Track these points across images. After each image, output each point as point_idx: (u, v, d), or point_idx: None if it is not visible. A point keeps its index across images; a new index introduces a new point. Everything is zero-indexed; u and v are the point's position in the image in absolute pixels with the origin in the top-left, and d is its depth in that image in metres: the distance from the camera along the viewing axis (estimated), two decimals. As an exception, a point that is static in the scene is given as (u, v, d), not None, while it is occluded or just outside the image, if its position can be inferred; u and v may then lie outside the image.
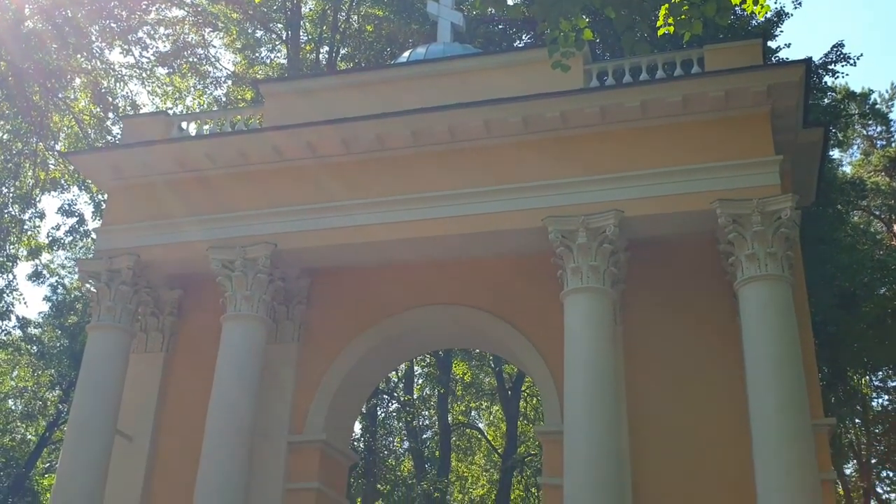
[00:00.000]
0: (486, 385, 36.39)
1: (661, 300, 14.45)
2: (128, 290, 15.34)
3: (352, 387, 16.28)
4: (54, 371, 27.33)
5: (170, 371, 16.37)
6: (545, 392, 14.80)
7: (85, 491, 14.04)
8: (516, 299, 15.31)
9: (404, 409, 30.81)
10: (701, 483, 13.14)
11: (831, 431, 13.73)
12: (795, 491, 11.22)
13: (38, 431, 30.81)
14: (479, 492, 37.91)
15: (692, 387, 13.76)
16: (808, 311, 14.06)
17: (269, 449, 15.05)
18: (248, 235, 15.10)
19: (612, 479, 12.04)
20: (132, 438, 15.56)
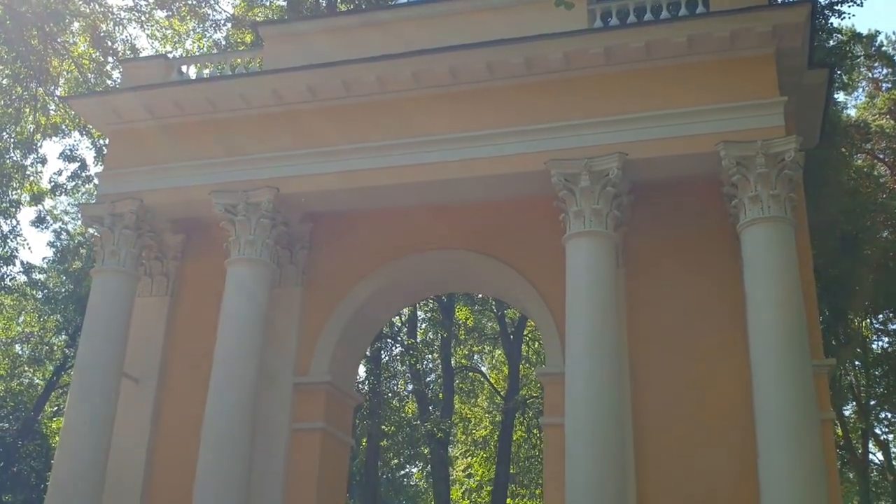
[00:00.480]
0: (489, 329, 36.66)
1: (663, 243, 14.48)
2: (131, 234, 15.39)
3: (356, 330, 16.42)
4: (60, 316, 27.51)
5: (175, 315, 16.50)
6: (547, 335, 14.92)
7: (93, 433, 14.25)
8: (519, 243, 15.35)
9: (408, 352, 31.09)
10: (702, 422, 13.32)
11: (831, 372, 13.87)
12: (795, 429, 11.37)
13: (45, 376, 31.16)
14: (482, 433, 38.38)
15: (693, 329, 13.86)
16: (809, 254, 14.10)
17: (274, 390, 15.25)
18: (250, 180, 15.09)
19: (612, 418, 12.20)
20: (138, 381, 15.76)
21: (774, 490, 11.31)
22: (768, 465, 11.46)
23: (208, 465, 13.55)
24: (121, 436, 15.00)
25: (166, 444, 15.55)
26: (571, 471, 12.05)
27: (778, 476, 11.31)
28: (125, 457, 15.21)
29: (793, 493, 11.15)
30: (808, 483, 11.17)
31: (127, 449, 15.25)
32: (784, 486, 11.21)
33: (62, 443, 14.41)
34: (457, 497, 39.55)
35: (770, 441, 11.52)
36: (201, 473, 13.55)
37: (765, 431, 11.62)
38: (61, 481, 13.97)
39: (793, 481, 11.19)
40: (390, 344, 31.22)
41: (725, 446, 13.07)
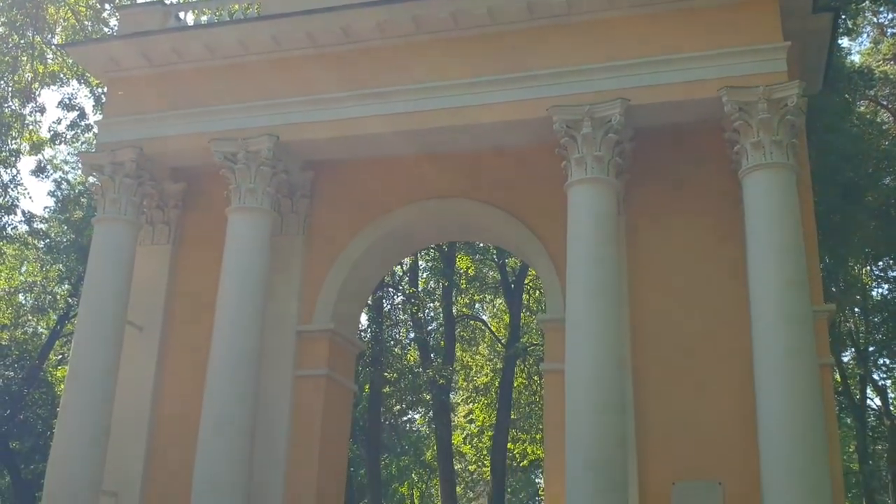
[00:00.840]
0: (490, 279, 36.72)
1: (665, 190, 14.48)
2: (132, 182, 15.38)
3: (357, 278, 16.49)
4: (62, 266, 27.59)
5: (177, 263, 16.58)
6: (548, 282, 14.98)
7: (97, 380, 14.40)
8: (520, 191, 15.34)
9: (409, 301, 31.22)
10: (701, 368, 13.45)
11: (831, 317, 13.95)
12: (794, 374, 11.46)
13: (48, 325, 31.34)
14: (483, 380, 38.71)
15: (694, 275, 13.93)
16: (811, 200, 14.09)
17: (278, 338, 15.37)
18: (250, 128, 15.04)
19: (612, 364, 12.30)
20: (142, 328, 15.87)
21: (773, 434, 11.45)
22: (767, 409, 11.59)
23: (213, 410, 13.71)
24: (126, 382, 15.17)
25: (171, 390, 15.73)
26: (571, 415, 12.19)
27: (776, 420, 11.44)
28: (130, 402, 15.39)
29: (791, 437, 11.28)
30: (806, 427, 11.30)
31: (132, 395, 15.42)
32: (782, 430, 11.34)
33: (67, 390, 14.56)
34: (458, 442, 40.03)
35: (769, 386, 11.62)
36: (206, 418, 13.72)
37: (764, 376, 11.73)
38: (68, 428, 14.15)
39: (791, 426, 11.32)
40: (392, 293, 31.33)
41: (725, 391, 13.22)
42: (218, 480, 13.27)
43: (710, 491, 12.91)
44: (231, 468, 13.38)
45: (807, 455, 11.18)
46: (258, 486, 14.28)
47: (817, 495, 11.05)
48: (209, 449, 13.53)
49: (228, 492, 13.26)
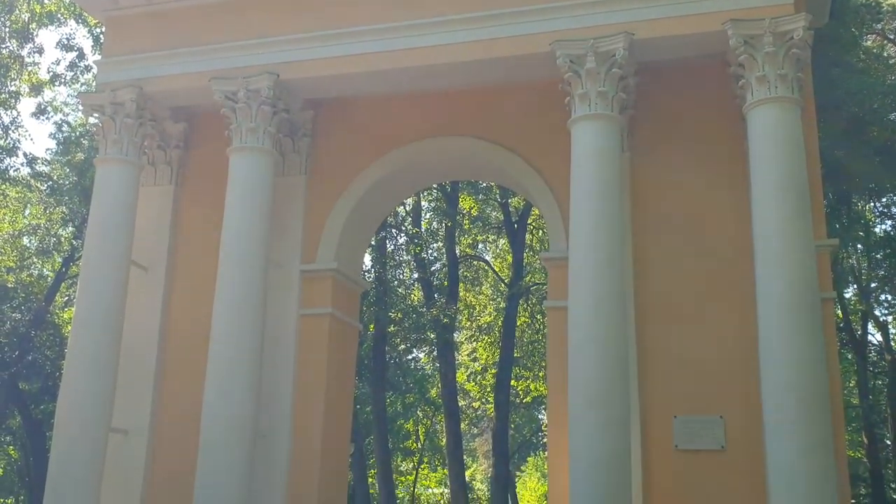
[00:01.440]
0: (493, 219, 36.74)
1: (669, 126, 14.39)
2: (132, 122, 15.30)
3: (360, 218, 16.50)
4: (66, 208, 27.60)
5: (180, 204, 16.61)
6: (550, 220, 14.97)
7: (104, 320, 14.49)
8: (523, 129, 15.25)
9: (412, 241, 31.30)
10: (703, 304, 13.54)
11: (833, 252, 13.96)
12: (795, 308, 11.50)
13: (53, 267, 31.50)
14: (487, 319, 38.98)
15: (697, 212, 13.93)
16: (816, 135, 14.00)
17: (282, 277, 15.45)
18: (250, 66, 14.87)
19: (614, 300, 12.34)
20: (147, 269, 15.96)
21: (774, 368, 11.54)
22: (769, 343, 11.66)
23: (219, 349, 13.85)
24: (132, 321, 15.32)
25: (177, 329, 15.89)
26: (573, 352, 12.28)
27: (778, 354, 11.52)
28: (138, 342, 15.56)
29: (792, 371, 11.37)
30: (807, 361, 11.38)
31: (139, 334, 15.59)
32: (784, 363, 11.42)
33: (74, 331, 14.66)
34: (462, 380, 40.49)
35: (771, 319, 11.67)
36: (212, 357, 13.87)
37: (765, 310, 11.78)
38: (75, 368, 14.29)
39: (792, 359, 11.40)
40: (395, 233, 31.41)
41: (727, 326, 13.32)
42: (225, 416, 13.48)
43: (711, 424, 13.09)
44: (238, 405, 13.57)
45: (807, 388, 11.29)
46: (265, 420, 14.50)
47: (818, 428, 11.18)
48: (216, 387, 13.70)
49: (236, 427, 13.48)
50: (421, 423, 40.67)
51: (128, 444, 15.31)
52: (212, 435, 13.45)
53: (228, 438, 13.39)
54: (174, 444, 15.21)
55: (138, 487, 15.18)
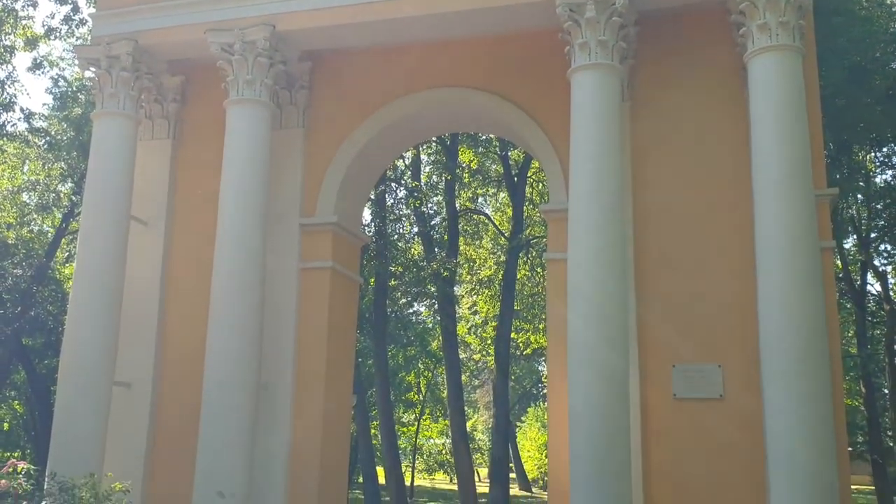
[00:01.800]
0: (493, 172, 36.63)
1: (669, 76, 14.27)
2: (129, 76, 15.21)
3: (359, 171, 16.45)
4: (64, 164, 27.47)
5: (178, 158, 16.56)
6: (550, 172, 14.92)
7: (105, 275, 14.53)
8: (523, 79, 15.13)
9: (412, 195, 31.21)
10: (702, 254, 13.57)
11: (833, 201, 13.92)
12: (794, 256, 11.52)
13: (54, 223, 31.45)
14: (487, 273, 39.05)
15: (698, 161, 13.89)
16: (817, 84, 13.88)
17: (282, 231, 15.46)
18: (246, 17, 14.73)
19: (614, 251, 12.35)
20: (147, 223, 15.96)
21: (773, 316, 11.58)
22: (767, 291, 11.70)
23: (220, 303, 13.91)
24: (133, 276, 15.36)
25: (178, 284, 15.95)
26: (572, 302, 12.32)
27: (776, 303, 11.56)
28: (139, 296, 15.62)
29: (791, 320, 11.42)
30: (806, 309, 11.42)
31: (140, 288, 15.65)
32: (782, 312, 11.47)
33: (75, 286, 14.70)
34: (463, 333, 40.72)
35: (769, 268, 11.70)
36: (214, 311, 13.93)
37: (764, 259, 11.79)
38: (77, 323, 14.36)
39: (791, 307, 11.45)
40: (394, 187, 31.30)
41: (726, 275, 13.35)
42: (227, 368, 13.58)
43: (709, 373, 13.19)
44: (240, 357, 13.67)
45: (806, 336, 11.35)
46: (267, 374, 14.61)
47: (816, 376, 11.27)
48: (218, 341, 13.79)
49: (239, 379, 13.59)
50: (422, 376, 41.00)
51: (131, 396, 15.45)
52: (214, 387, 13.57)
53: (231, 390, 13.51)
54: (177, 396, 15.35)
55: (143, 439, 15.35)
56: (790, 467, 11.00)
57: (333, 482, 15.61)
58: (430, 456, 53.25)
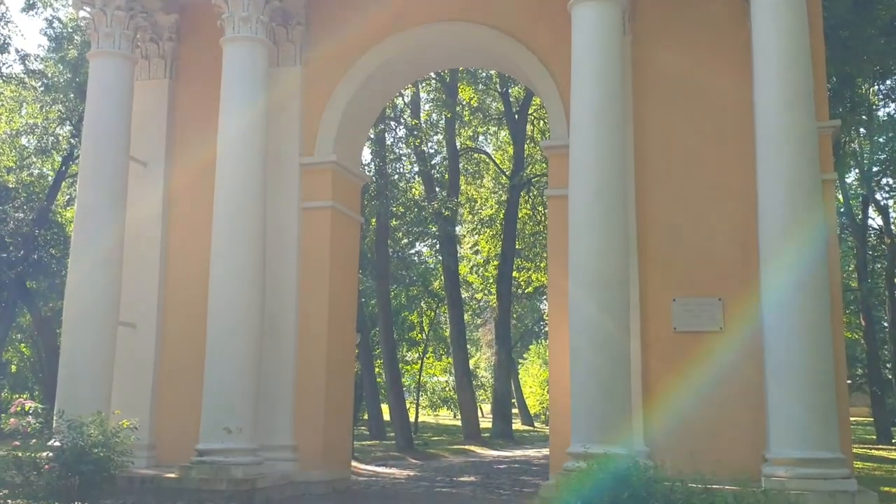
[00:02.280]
0: (494, 109, 36.39)
1: (671, 8, 14.11)
2: (123, 15, 15.03)
3: (358, 109, 16.34)
4: (62, 106, 27.27)
5: (176, 97, 16.44)
6: (552, 108, 14.82)
7: (106, 216, 14.53)
8: (522, 13, 14.95)
9: (412, 133, 31.02)
10: (704, 184, 13.58)
11: (835, 134, 13.85)
12: (796, 188, 11.45)
13: (54, 167, 31.36)
14: (488, 212, 39.05)
15: (699, 94, 13.81)
16: (820, 15, 13.70)
17: (282, 171, 15.43)
18: (240, -50, 14.52)
19: (615, 187, 12.30)
20: (147, 164, 15.92)
21: (774, 248, 11.57)
22: (769, 223, 11.65)
23: (222, 243, 13.92)
24: (135, 218, 15.37)
25: (180, 224, 15.96)
26: (574, 237, 12.31)
27: (778, 235, 11.53)
28: (141, 237, 15.67)
29: (792, 251, 11.40)
30: (807, 241, 11.39)
31: (142, 230, 15.68)
32: (784, 243, 11.45)
33: (77, 227, 14.71)
34: (465, 272, 40.85)
35: (771, 199, 11.62)
36: (216, 251, 13.95)
37: (766, 190, 11.72)
38: (80, 264, 14.40)
39: (792, 239, 11.42)
40: (394, 126, 31.07)
41: (727, 209, 13.39)
42: (231, 307, 13.67)
43: (709, 306, 13.28)
44: (242, 297, 13.74)
45: (806, 269, 11.35)
46: (270, 315, 14.68)
47: (816, 307, 11.30)
48: (221, 280, 13.85)
49: (242, 317, 13.68)
50: (425, 315, 41.21)
51: (137, 336, 15.59)
52: (218, 325, 13.66)
53: (235, 327, 13.60)
54: (182, 335, 15.48)
55: (149, 378, 15.53)
56: (789, 398, 11.11)
57: (338, 418, 15.83)
58: (433, 393, 53.88)
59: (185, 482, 13.05)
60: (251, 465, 13.33)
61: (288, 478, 14.23)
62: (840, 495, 10.51)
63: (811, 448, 10.87)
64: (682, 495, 6.77)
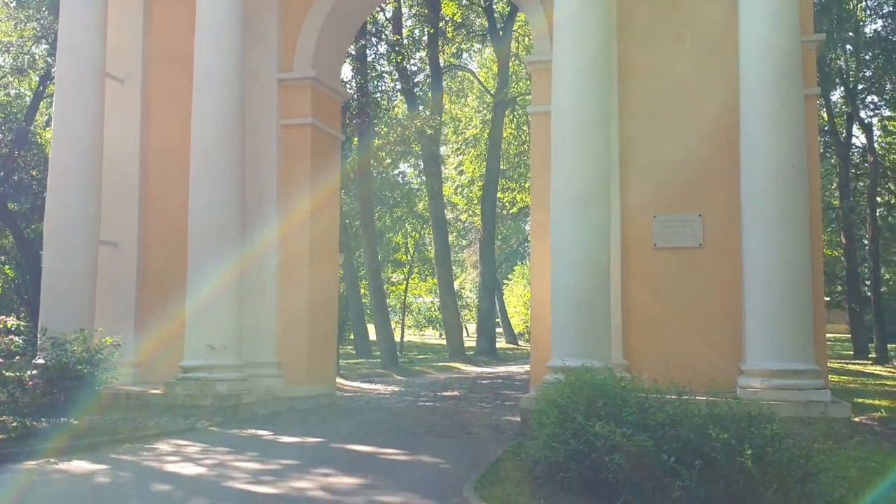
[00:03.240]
0: (478, 25, 35.83)
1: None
2: (93, -75, 14.59)
3: (337, 23, 16.05)
4: (37, 24, 26.68)
5: (151, 12, 16.16)
6: (536, 23, 14.61)
7: (83, 134, 14.33)
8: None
9: (394, 50, 30.51)
10: (686, 104, 13.50)
11: (820, 48, 13.70)
12: (779, 102, 11.28)
13: (31, 87, 30.80)
14: (473, 132, 38.85)
15: (683, 13, 13.62)
16: (807, -76, 13.46)
17: (259, 88, 15.22)
18: None
19: (597, 101, 12.12)
20: (123, 81, 15.67)
21: (755, 162, 11.51)
22: (750, 137, 11.56)
23: (201, 161, 13.75)
24: (112, 135, 15.23)
25: (158, 141, 15.85)
26: (556, 153, 12.20)
27: (759, 148, 11.43)
28: (119, 155, 15.57)
29: (772, 166, 11.33)
30: (788, 156, 11.33)
31: (120, 147, 15.58)
32: (765, 157, 11.38)
33: (55, 146, 14.51)
34: (449, 193, 40.81)
35: (753, 114, 11.52)
36: (195, 169, 13.80)
37: (748, 105, 11.60)
38: (59, 183, 14.24)
39: (773, 154, 11.34)
40: (375, 42, 30.51)
41: (708, 128, 13.35)
42: (210, 222, 13.58)
43: (689, 222, 13.34)
44: (222, 217, 13.65)
45: (787, 183, 11.32)
46: (251, 234, 14.64)
47: (794, 222, 11.33)
48: (200, 201, 13.71)
49: (222, 236, 13.61)
50: (410, 236, 41.27)
51: (119, 254, 15.57)
52: (199, 238, 13.58)
53: (215, 246, 13.53)
54: (164, 252, 15.50)
55: (132, 295, 15.60)
56: (766, 310, 11.23)
57: (322, 335, 15.97)
58: (419, 313, 54.36)
59: (171, 398, 13.20)
60: (236, 382, 13.47)
61: (273, 393, 14.41)
62: (813, 405, 10.74)
63: (786, 359, 11.05)
64: (655, 404, 6.89)
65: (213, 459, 9.58)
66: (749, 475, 6.00)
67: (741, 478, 6.03)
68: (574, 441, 6.93)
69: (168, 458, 9.72)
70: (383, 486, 8.00)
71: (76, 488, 7.97)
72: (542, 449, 7.53)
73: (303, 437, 11.47)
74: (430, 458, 9.72)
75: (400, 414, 14.39)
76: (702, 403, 6.91)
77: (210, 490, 7.89)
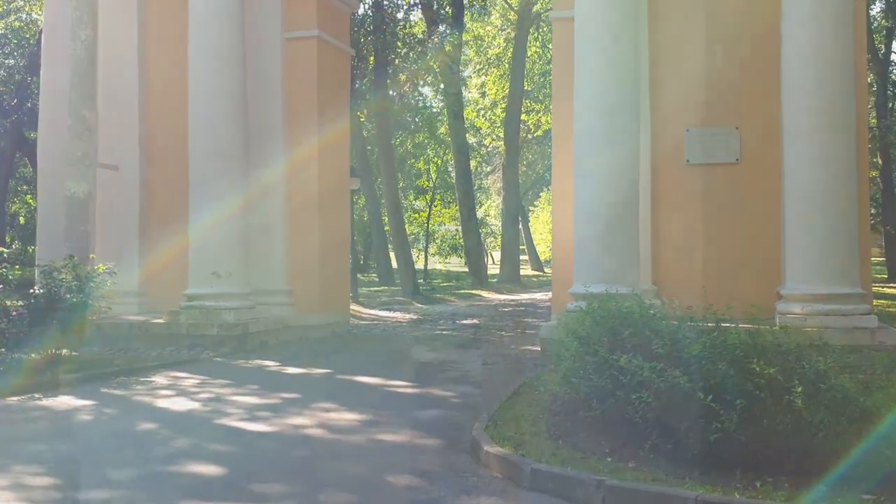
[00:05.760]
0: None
1: None
2: None
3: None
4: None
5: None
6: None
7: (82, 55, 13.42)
8: None
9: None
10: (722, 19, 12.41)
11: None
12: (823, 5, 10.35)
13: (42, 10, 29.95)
14: (496, 51, 37.51)
15: None
16: None
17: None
18: None
19: (624, 4, 11.10)
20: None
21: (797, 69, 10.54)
22: (791, 48, 10.58)
23: (199, 78, 12.93)
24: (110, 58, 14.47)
25: (155, 62, 15.10)
26: (581, 60, 11.17)
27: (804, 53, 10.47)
28: (118, 78, 14.88)
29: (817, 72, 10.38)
30: (833, 60, 10.36)
31: (118, 70, 14.84)
32: (808, 63, 10.42)
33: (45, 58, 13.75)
34: (471, 116, 39.61)
35: (795, 14, 10.53)
36: (193, 87, 13.00)
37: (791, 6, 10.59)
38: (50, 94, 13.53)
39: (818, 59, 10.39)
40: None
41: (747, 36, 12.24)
42: (212, 141, 12.83)
43: (725, 136, 12.34)
44: (224, 135, 12.86)
45: (831, 91, 10.35)
46: (256, 156, 13.90)
47: (840, 136, 10.37)
48: (199, 119, 12.95)
49: (225, 150, 12.88)
50: (431, 162, 40.15)
51: (120, 178, 14.86)
52: (200, 158, 12.84)
53: (217, 169, 12.78)
54: (166, 175, 14.82)
55: (135, 220, 14.99)
56: (808, 231, 10.34)
57: (335, 262, 15.34)
58: (443, 241, 53.58)
59: (175, 327, 12.64)
60: (243, 310, 12.85)
61: (283, 322, 13.79)
62: (859, 332, 9.89)
63: (829, 283, 10.21)
64: (690, 335, 6.04)
65: (210, 393, 8.96)
66: (798, 415, 5.19)
67: (788, 418, 5.22)
68: (596, 376, 6.12)
69: (161, 392, 9.12)
70: (387, 423, 7.31)
71: (51, 427, 7.31)
72: (561, 384, 6.76)
73: (309, 369, 10.84)
74: (440, 392, 9.02)
75: (413, 343, 13.75)
76: (742, 332, 6.05)
77: (199, 428, 7.23)
